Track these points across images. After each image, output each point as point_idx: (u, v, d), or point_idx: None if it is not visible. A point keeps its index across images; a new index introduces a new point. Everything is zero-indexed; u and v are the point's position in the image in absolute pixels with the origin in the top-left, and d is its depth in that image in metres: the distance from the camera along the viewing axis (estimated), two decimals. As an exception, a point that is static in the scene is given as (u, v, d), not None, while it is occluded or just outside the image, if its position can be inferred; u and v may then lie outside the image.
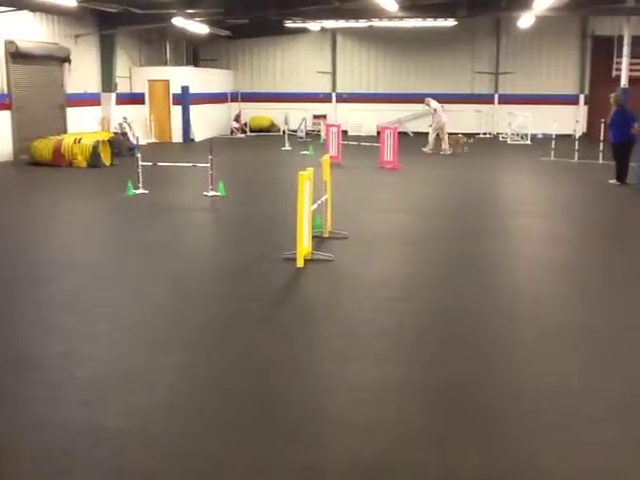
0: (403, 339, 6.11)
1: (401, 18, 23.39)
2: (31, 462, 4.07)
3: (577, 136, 21.23)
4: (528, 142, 24.41)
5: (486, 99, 28.03)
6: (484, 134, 27.62)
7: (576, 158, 18.53)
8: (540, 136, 24.24)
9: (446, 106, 27.79)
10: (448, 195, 14.04)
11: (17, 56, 18.51)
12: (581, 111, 27.20)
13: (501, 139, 26.10)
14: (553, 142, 19.32)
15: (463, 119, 27.69)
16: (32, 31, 19.41)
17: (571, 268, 8.63)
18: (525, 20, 23.76)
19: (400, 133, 18.67)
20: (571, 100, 27.28)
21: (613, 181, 14.79)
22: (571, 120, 25.71)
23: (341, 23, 24.97)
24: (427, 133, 22.74)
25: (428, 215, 11.90)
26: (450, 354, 5.75)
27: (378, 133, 22.15)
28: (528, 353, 5.80)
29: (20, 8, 17.63)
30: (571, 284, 7.98)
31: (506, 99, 27.66)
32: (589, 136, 24.56)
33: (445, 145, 21.23)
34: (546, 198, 13.98)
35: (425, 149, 21.30)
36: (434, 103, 21.87)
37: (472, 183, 15.74)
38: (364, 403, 4.85)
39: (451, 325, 6.46)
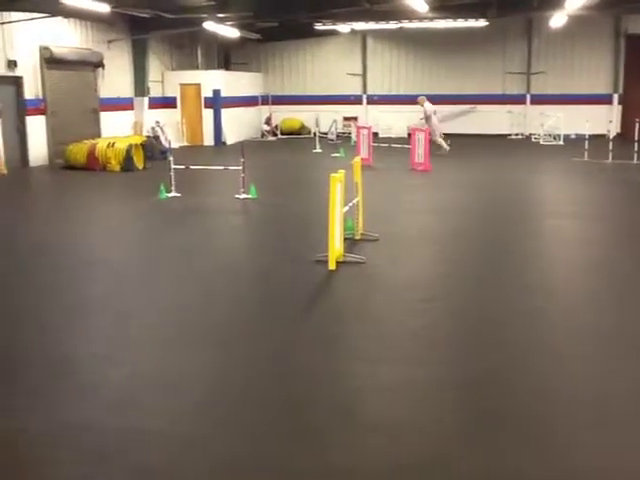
0: (436, 340, 6.10)
1: (431, 19, 23.35)
2: (67, 463, 4.12)
3: (611, 136, 20.95)
4: (561, 143, 24.16)
5: (518, 100, 27.80)
6: (516, 135, 27.41)
7: (610, 158, 18.30)
8: (573, 136, 23.98)
9: (478, 107, 27.85)
10: (480, 196, 13.97)
11: (52, 62, 18.82)
12: (615, 111, 26.83)
13: (533, 140, 25.86)
14: (586, 142, 19.11)
15: (494, 120, 27.59)
16: (66, 37, 19.72)
17: (605, 269, 8.53)
18: (557, 20, 23.53)
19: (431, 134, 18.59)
20: (604, 100, 26.94)
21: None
22: (604, 120, 25.38)
23: (371, 25, 24.97)
24: (459, 134, 22.58)
25: (460, 216, 11.84)
26: (483, 355, 5.72)
27: (409, 135, 22.09)
28: (561, 354, 5.74)
29: (54, 15, 17.91)
30: (605, 286, 7.88)
31: (538, 99, 27.41)
32: (623, 136, 24.22)
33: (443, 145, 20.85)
34: (579, 199, 13.83)
35: (439, 152, 20.48)
36: (429, 105, 21.13)
37: (504, 184, 15.64)
38: (397, 404, 4.85)
39: (484, 326, 6.43)
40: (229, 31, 23.10)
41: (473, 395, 5.01)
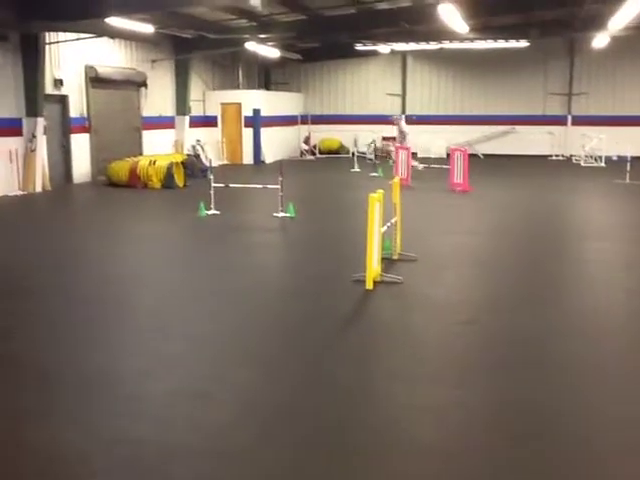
0: (473, 362, 6.05)
1: (472, 40, 23.34)
2: (99, 476, 4.17)
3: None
4: (602, 164, 23.88)
5: (559, 120, 27.58)
6: (556, 156, 27.16)
7: (653, 181, 18.04)
8: (615, 158, 23.69)
9: (517, 127, 27.69)
10: (519, 217, 13.85)
11: (96, 81, 19.22)
12: (658, 132, 26.46)
13: (574, 161, 25.60)
14: (628, 164, 18.85)
15: (535, 141, 27.40)
16: (111, 57, 20.14)
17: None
18: (600, 40, 23.34)
19: (470, 155, 18.53)
20: (648, 121, 26.60)
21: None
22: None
23: (411, 45, 25.04)
24: (499, 155, 22.39)
25: (498, 238, 11.76)
26: (521, 378, 5.65)
27: (448, 155, 22.04)
28: (605, 378, 5.66)
29: (100, 35, 18.31)
30: (648, 310, 7.76)
31: (579, 120, 27.16)
32: (667, 158, 23.85)
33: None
34: (621, 221, 13.63)
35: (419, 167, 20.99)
36: (405, 125, 21.63)
37: (544, 205, 15.49)
38: (433, 426, 4.82)
39: (522, 349, 6.35)
40: (270, 51, 23.36)
41: (512, 420, 4.95)
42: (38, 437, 4.61)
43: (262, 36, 21.30)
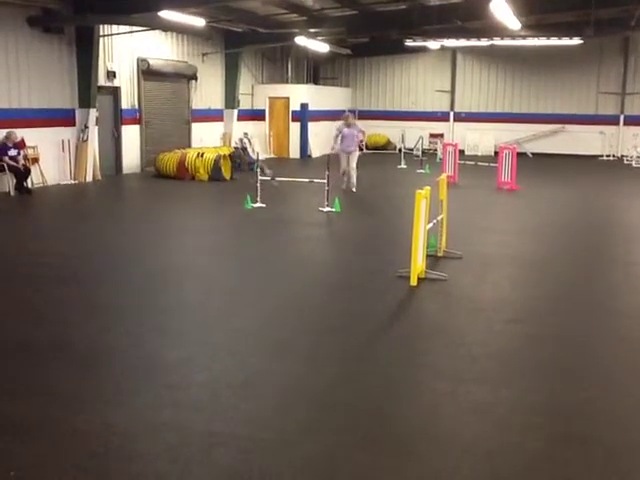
0: (517, 363, 6.01)
1: (524, 37, 23.03)
2: (143, 461, 4.26)
3: None
4: (655, 165, 23.42)
5: (611, 120, 27.07)
6: (607, 156, 26.69)
7: None
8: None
9: (568, 127, 27.26)
10: (567, 218, 13.67)
11: (148, 73, 19.50)
12: None
13: (625, 162, 25.12)
14: (682, 166, 18.45)
15: (586, 140, 26.96)
16: (163, 49, 20.40)
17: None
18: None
19: (519, 154, 18.33)
20: None
21: None
22: (703, 143, 24.47)
23: (462, 42, 24.81)
24: (548, 154, 21.97)
25: (545, 238, 11.63)
26: (567, 381, 5.60)
27: (496, 153, 21.83)
28: (649, 384, 5.59)
29: (153, 28, 18.56)
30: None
31: (632, 120, 26.63)
32: None
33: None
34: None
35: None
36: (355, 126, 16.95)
37: (593, 206, 15.26)
38: (475, 425, 4.81)
39: (569, 351, 6.29)
40: (320, 46, 23.39)
41: (554, 421, 4.91)
42: (86, 420, 4.74)
43: (312, 31, 21.35)
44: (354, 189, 16.04)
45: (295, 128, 25.50)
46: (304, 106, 25.29)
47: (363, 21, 21.64)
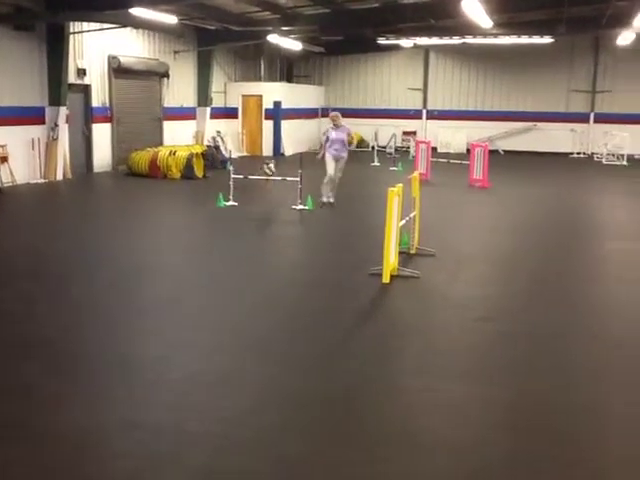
0: (490, 360, 6.05)
1: (496, 35, 23.17)
2: (117, 459, 4.24)
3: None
4: (624, 163, 23.68)
5: (581, 118, 27.35)
6: (577, 154, 26.97)
7: (676, 180, 17.87)
8: (637, 156, 23.48)
9: (539, 124, 27.50)
10: (538, 215, 13.78)
11: (119, 71, 19.30)
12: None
13: (596, 159, 25.41)
14: (651, 163, 18.69)
15: (557, 138, 27.21)
16: (134, 47, 20.22)
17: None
18: (625, 37, 23.09)
19: (491, 151, 18.44)
20: (672, 120, 26.32)
21: None
22: (672, 141, 24.79)
23: (434, 40, 24.90)
24: (520, 151, 21.97)
25: (516, 234, 11.71)
26: (538, 377, 5.65)
27: (468, 150, 21.95)
28: (618, 378, 5.64)
29: (124, 25, 18.38)
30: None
31: (602, 118, 26.91)
32: (690, 158, 23.63)
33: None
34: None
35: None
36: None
37: (563, 203, 15.41)
38: (449, 421, 4.83)
39: (541, 348, 6.34)
40: (293, 44, 23.35)
41: (528, 417, 4.95)
42: (60, 420, 4.68)
43: (285, 29, 21.29)
44: (332, 199, 13.76)
45: (268, 126, 25.44)
46: (277, 104, 25.25)
47: (336, 19, 21.62)
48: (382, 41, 25.33)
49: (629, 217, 14.14)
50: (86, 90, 18.51)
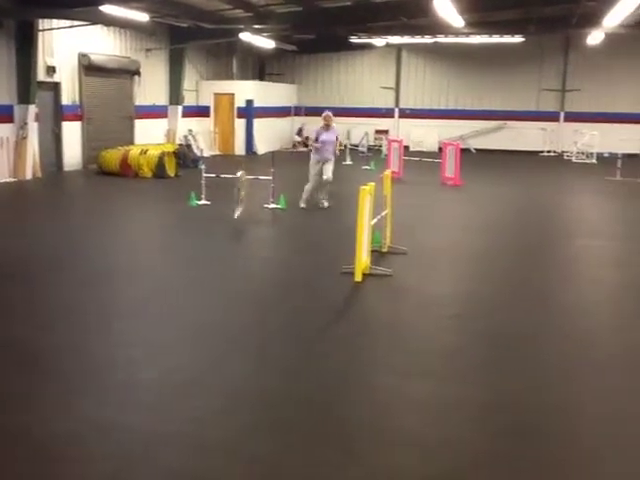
0: (462, 358, 6.08)
1: (467, 34, 23.32)
2: (89, 463, 4.20)
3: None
4: (594, 161, 23.96)
5: (551, 117, 27.65)
6: (548, 152, 27.23)
7: (644, 178, 18.11)
8: (606, 155, 23.78)
9: (509, 123, 27.73)
10: (509, 213, 13.90)
11: (90, 69, 19.13)
12: (650, 130, 26.56)
13: (565, 157, 25.69)
14: (619, 161, 18.92)
15: (527, 136, 27.46)
16: (105, 45, 20.03)
17: (635, 290, 8.45)
18: (595, 37, 23.37)
19: (462, 149, 18.56)
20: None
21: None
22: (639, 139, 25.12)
23: (406, 39, 25.01)
24: (491, 150, 22.06)
25: (488, 232, 11.80)
26: (509, 373, 5.70)
27: (440, 149, 22.06)
28: (587, 374, 5.71)
29: (94, 23, 18.20)
30: (635, 306, 7.81)
31: (572, 117, 27.23)
32: (658, 156, 23.96)
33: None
34: (610, 218, 13.71)
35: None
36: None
37: (534, 201, 15.55)
38: (421, 419, 4.85)
39: (510, 344, 6.39)
40: (265, 42, 23.30)
41: (497, 416, 4.99)
42: (30, 421, 4.63)
43: (257, 27, 21.24)
44: (326, 204, 13.55)
45: (240, 125, 25.35)
46: (249, 102, 25.17)
47: (309, 17, 21.62)
48: (355, 40, 25.38)
49: (598, 215, 14.32)
50: (56, 88, 18.31)
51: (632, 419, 4.91)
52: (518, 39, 24.01)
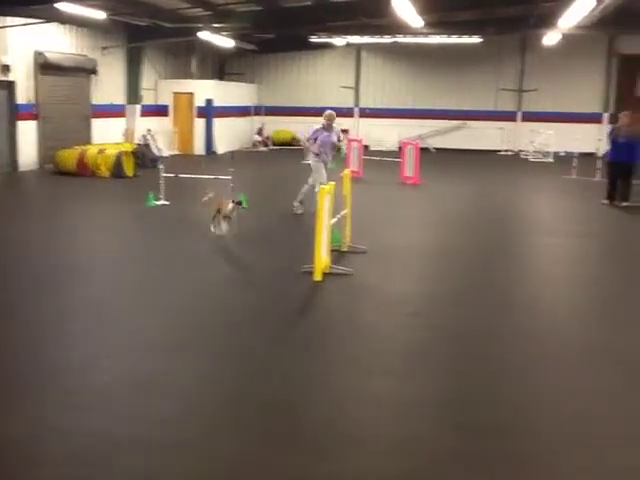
0: (422, 356, 6.11)
1: (426, 34, 23.50)
2: (49, 467, 4.13)
3: (600, 154, 21.11)
4: (550, 160, 24.32)
5: (509, 116, 28.01)
6: (505, 151, 27.57)
7: (598, 177, 18.40)
8: (562, 154, 24.14)
9: (469, 122, 28.01)
10: (469, 211, 14.03)
11: (46, 67, 18.82)
12: (604, 129, 26.98)
13: (522, 157, 26.03)
14: (575, 160, 19.22)
15: (485, 136, 27.78)
16: (61, 43, 19.73)
17: (590, 286, 8.59)
18: (551, 38, 23.73)
19: (422, 149, 18.68)
20: (595, 118, 27.15)
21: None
22: (594, 138, 25.56)
23: (366, 39, 25.11)
24: (450, 149, 22.22)
25: (448, 231, 11.89)
26: (467, 371, 5.74)
27: (400, 148, 22.18)
28: (546, 372, 5.78)
29: (50, 20, 17.93)
30: (591, 302, 7.94)
31: (529, 117, 27.64)
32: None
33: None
34: (567, 216, 13.92)
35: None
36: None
37: (492, 199, 15.72)
38: (381, 418, 4.86)
39: (469, 342, 6.44)
40: (225, 41, 23.18)
41: (457, 413, 5.02)
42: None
43: (217, 26, 21.13)
44: (300, 210, 12.96)
45: (200, 124, 25.18)
46: (209, 102, 25.01)
47: (269, 17, 21.55)
48: (315, 39, 25.40)
49: (555, 213, 14.53)
50: (10, 87, 17.97)
51: (591, 415, 4.97)
52: (476, 39, 24.27)
